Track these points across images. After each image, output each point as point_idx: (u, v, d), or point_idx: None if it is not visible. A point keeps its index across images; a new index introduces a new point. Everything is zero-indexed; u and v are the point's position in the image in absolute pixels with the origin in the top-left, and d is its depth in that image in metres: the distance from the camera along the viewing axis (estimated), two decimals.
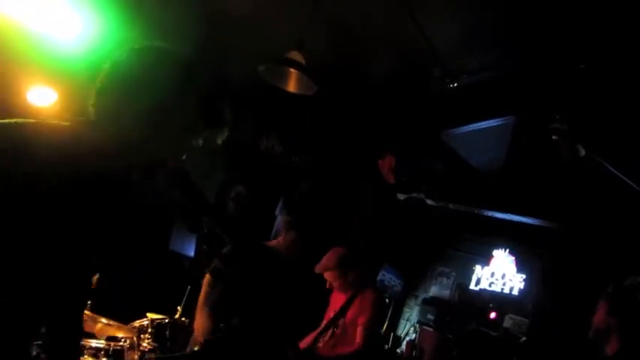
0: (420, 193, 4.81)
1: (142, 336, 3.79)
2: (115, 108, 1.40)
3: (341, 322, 3.93)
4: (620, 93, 4.12)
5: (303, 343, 3.96)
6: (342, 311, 3.92)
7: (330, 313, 4.08)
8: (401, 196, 4.98)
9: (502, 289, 8.14)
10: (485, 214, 6.84)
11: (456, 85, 5.02)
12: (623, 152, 4.03)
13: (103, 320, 3.53)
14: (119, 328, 3.68)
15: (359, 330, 3.84)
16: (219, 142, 1.54)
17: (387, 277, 8.44)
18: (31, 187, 1.17)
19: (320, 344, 3.90)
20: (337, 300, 4.10)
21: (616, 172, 3.79)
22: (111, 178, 1.30)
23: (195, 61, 1.51)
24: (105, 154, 1.30)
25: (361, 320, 3.86)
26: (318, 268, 4.09)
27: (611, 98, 4.18)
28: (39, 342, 1.54)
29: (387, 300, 7.87)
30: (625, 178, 3.84)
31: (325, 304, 4.24)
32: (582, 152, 3.66)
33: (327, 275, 4.08)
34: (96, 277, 3.93)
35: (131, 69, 1.42)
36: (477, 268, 8.52)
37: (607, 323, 2.43)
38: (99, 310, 3.84)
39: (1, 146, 1.20)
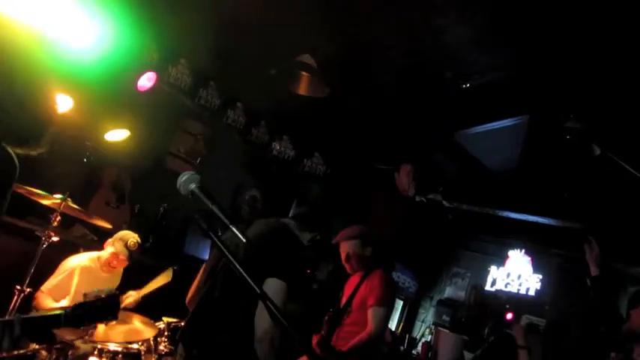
0: (437, 194, 4.79)
1: (158, 339, 3.82)
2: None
3: (349, 309, 3.85)
4: (634, 90, 4.08)
5: (318, 337, 3.91)
6: (352, 296, 3.84)
7: (344, 301, 4.03)
8: (418, 198, 4.96)
9: (518, 289, 8.08)
10: (499, 214, 6.80)
11: (468, 85, 5.00)
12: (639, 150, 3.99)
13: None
14: (135, 333, 3.71)
15: (369, 312, 3.73)
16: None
17: (401, 278, 8.43)
18: None
19: (334, 334, 3.81)
20: (350, 288, 4.04)
21: (632, 170, 3.75)
22: None
23: None
24: None
25: (370, 302, 3.75)
26: (338, 237, 4.07)
27: (625, 96, 4.14)
28: None
29: (395, 285, 7.84)
30: None
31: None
32: (597, 151, 3.63)
33: (345, 246, 4.03)
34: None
35: None
36: (493, 268, 8.46)
37: None
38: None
39: None
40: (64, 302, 3.75)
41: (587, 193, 5.45)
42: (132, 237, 4.18)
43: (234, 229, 1.61)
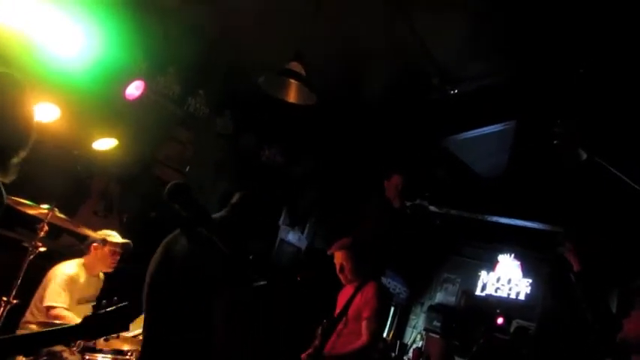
0: (424, 199, 4.80)
1: None
2: None
3: (344, 319, 3.87)
4: (619, 95, 4.13)
5: (310, 349, 3.92)
6: (346, 307, 3.87)
7: (337, 311, 4.03)
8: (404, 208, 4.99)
9: (508, 294, 8.11)
10: (489, 219, 6.84)
11: (456, 91, 5.04)
12: (626, 154, 4.03)
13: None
14: (124, 341, 3.67)
15: (364, 324, 3.75)
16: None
17: (392, 284, 8.43)
18: None
19: (327, 344, 3.82)
20: (344, 298, 4.05)
21: (619, 175, 3.79)
22: None
23: None
24: None
25: (365, 314, 3.77)
26: (333, 248, 4.07)
27: (610, 100, 4.18)
28: None
29: (392, 303, 7.84)
30: (628, 180, 3.83)
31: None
32: (584, 156, 3.66)
33: (340, 256, 4.03)
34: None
35: None
36: (483, 273, 8.50)
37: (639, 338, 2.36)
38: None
39: None
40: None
41: (575, 197, 5.49)
42: (113, 233, 4.29)
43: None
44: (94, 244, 4.20)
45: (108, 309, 1.79)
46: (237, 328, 5.11)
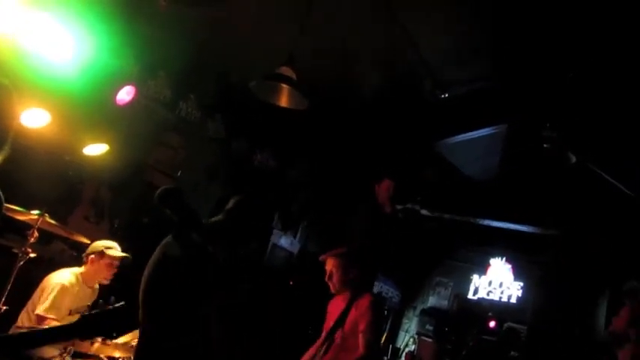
0: (415, 204, 4.81)
1: None
2: None
3: (340, 332, 3.85)
4: (609, 99, 4.17)
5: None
6: (341, 320, 3.84)
7: (330, 323, 4.00)
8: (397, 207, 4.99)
9: (500, 297, 8.14)
10: (480, 223, 6.86)
11: (447, 95, 5.06)
12: (615, 157, 4.07)
13: (99, 340, 3.50)
14: (116, 347, 3.65)
15: (360, 337, 3.70)
16: None
17: (384, 288, 8.44)
18: None
19: (322, 358, 3.79)
20: (335, 309, 4.03)
21: (608, 178, 3.82)
22: None
23: None
24: None
25: (361, 327, 3.71)
26: (324, 255, 4.04)
27: (600, 105, 4.22)
28: None
29: (385, 308, 7.85)
30: (617, 183, 3.87)
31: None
32: (573, 159, 3.69)
33: (331, 264, 3.98)
34: None
35: None
36: (475, 277, 8.52)
37: (625, 332, 2.43)
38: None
39: None
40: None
41: (566, 200, 5.53)
42: (114, 245, 4.22)
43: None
44: (92, 257, 4.12)
45: (104, 309, 1.77)
46: (229, 332, 5.09)
